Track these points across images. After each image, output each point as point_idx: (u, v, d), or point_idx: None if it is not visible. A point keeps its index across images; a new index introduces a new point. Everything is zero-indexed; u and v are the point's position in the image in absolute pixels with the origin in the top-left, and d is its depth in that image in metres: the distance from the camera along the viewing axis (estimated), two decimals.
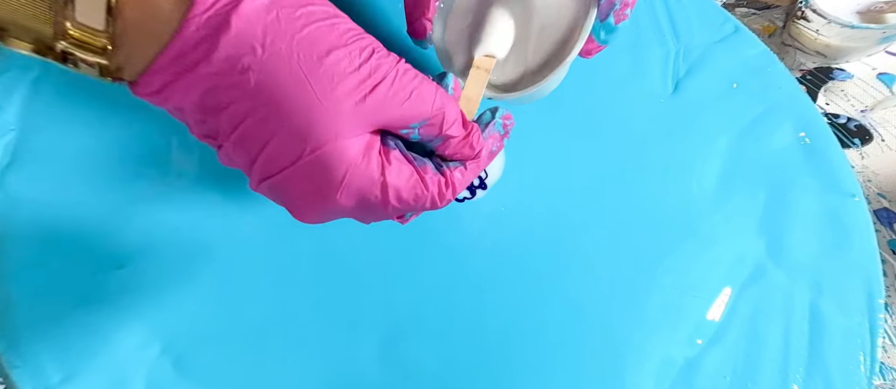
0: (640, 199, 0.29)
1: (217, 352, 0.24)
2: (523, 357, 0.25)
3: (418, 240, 0.27)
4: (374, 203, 0.19)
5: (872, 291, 0.28)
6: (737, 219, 0.29)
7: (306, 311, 0.25)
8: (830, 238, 0.29)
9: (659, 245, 0.28)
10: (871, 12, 0.38)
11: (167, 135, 0.27)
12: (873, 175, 0.35)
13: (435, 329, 0.25)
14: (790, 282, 0.28)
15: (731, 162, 0.31)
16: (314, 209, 0.19)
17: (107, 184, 0.26)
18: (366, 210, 0.19)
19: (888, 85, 0.39)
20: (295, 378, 0.24)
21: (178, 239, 0.26)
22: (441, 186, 0.20)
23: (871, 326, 0.27)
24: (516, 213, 0.28)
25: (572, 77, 0.33)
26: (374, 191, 0.18)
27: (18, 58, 0.28)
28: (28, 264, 0.24)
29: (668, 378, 0.25)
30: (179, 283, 0.25)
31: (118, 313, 0.24)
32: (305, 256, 0.26)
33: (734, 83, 0.33)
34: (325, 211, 0.19)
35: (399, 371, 0.25)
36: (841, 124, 0.37)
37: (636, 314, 0.27)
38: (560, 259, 0.27)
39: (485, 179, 0.29)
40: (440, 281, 0.26)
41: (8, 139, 0.26)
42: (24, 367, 0.23)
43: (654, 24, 0.35)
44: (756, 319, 0.27)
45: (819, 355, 0.26)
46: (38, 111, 0.27)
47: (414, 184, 0.19)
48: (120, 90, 0.28)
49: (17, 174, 0.26)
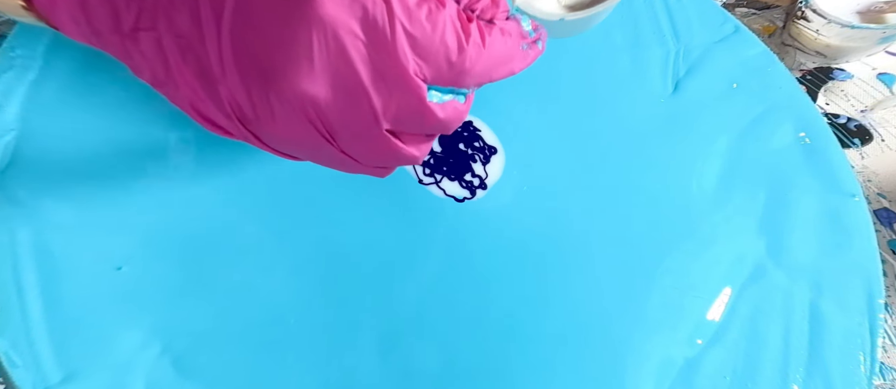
0: (639, 199, 0.29)
1: (217, 352, 0.24)
2: (523, 356, 0.25)
3: (418, 240, 0.27)
4: (374, 22, 0.14)
5: (872, 291, 0.28)
6: (737, 219, 0.29)
7: (306, 311, 0.25)
8: (830, 238, 0.29)
9: (659, 245, 0.28)
10: (871, 12, 0.38)
11: (168, 135, 0.27)
12: (873, 175, 0.35)
13: (435, 330, 0.25)
14: (790, 282, 0.28)
15: (731, 162, 0.31)
16: (286, 32, 0.14)
17: (107, 184, 0.26)
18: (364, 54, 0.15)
19: (888, 85, 0.39)
20: (295, 378, 0.24)
21: (178, 239, 0.26)
22: (461, 34, 0.16)
23: (871, 326, 0.27)
24: (516, 213, 0.28)
25: (572, 76, 0.33)
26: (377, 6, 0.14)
27: (18, 58, 0.28)
28: (28, 264, 0.24)
29: (668, 378, 0.25)
30: (179, 283, 0.25)
31: (118, 313, 0.24)
32: (305, 256, 0.26)
33: (734, 83, 0.33)
34: (297, 31, 0.14)
35: (399, 371, 0.25)
36: (841, 124, 0.37)
37: (636, 314, 0.27)
38: (560, 259, 0.27)
39: (485, 179, 0.29)
40: (440, 282, 0.26)
41: (8, 139, 0.26)
42: (24, 367, 0.23)
43: (653, 24, 0.35)
44: (756, 319, 0.27)
45: (819, 355, 0.26)
46: (38, 111, 0.27)
47: (430, 13, 0.15)
48: (120, 91, 0.28)
49: (17, 174, 0.26)
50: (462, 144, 0.29)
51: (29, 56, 0.28)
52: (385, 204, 0.27)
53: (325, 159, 0.19)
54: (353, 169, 0.19)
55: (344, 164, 0.19)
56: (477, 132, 0.30)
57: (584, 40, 0.34)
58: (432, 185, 0.28)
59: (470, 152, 0.29)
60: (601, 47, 0.34)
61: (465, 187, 0.28)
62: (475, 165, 0.29)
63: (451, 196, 0.28)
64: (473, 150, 0.29)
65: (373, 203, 0.27)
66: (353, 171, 0.20)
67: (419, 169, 0.28)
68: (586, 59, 0.33)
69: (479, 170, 0.29)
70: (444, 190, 0.28)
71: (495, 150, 0.29)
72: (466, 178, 0.29)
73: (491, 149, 0.29)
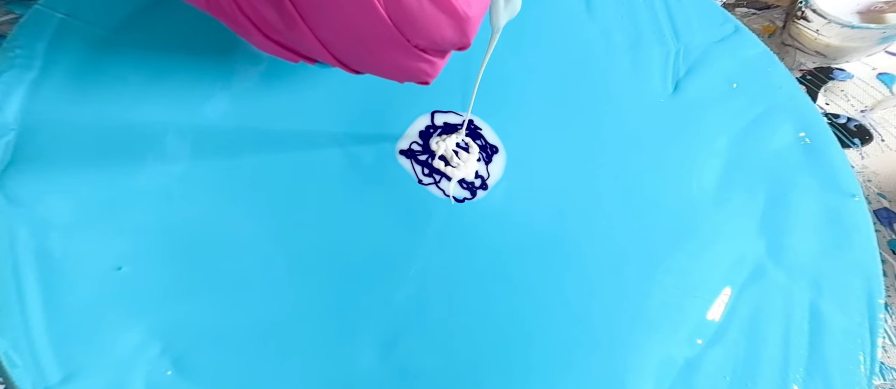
0: (639, 199, 0.29)
1: (217, 352, 0.24)
2: (523, 356, 0.25)
3: (419, 241, 0.27)
4: None
5: (872, 291, 0.28)
6: (737, 219, 0.29)
7: (306, 311, 0.25)
8: (830, 238, 0.29)
9: (659, 245, 0.28)
10: (871, 12, 0.38)
11: (168, 135, 0.27)
12: (873, 175, 0.35)
13: (435, 330, 0.25)
14: (790, 282, 0.28)
15: (731, 162, 0.31)
16: None
17: (107, 183, 0.26)
18: None
19: (888, 85, 0.39)
20: (295, 378, 0.24)
21: (179, 239, 0.26)
22: None
23: (871, 326, 0.27)
24: (516, 213, 0.28)
25: (572, 76, 0.33)
26: None
27: (18, 58, 0.28)
28: (27, 264, 0.24)
29: (668, 378, 0.25)
30: (179, 283, 0.25)
31: (118, 313, 0.24)
32: (305, 256, 0.26)
33: (734, 83, 0.33)
34: None
35: (399, 371, 0.25)
36: (841, 124, 0.37)
37: (636, 314, 0.27)
38: (559, 258, 0.27)
39: (486, 179, 0.29)
40: (440, 282, 0.26)
41: (8, 139, 0.26)
42: (24, 367, 0.22)
43: (653, 24, 0.35)
44: (756, 319, 0.27)
45: (819, 355, 0.26)
46: (38, 111, 0.27)
47: None
48: (120, 90, 0.28)
49: (17, 174, 0.26)
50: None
51: (29, 56, 0.28)
52: (385, 205, 0.27)
53: (374, 34, 0.19)
54: (402, 56, 0.20)
55: (393, 44, 0.19)
56: (478, 130, 0.30)
57: (585, 40, 0.34)
58: (432, 186, 0.28)
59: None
60: (601, 47, 0.34)
61: (466, 187, 0.28)
62: (480, 165, 0.29)
63: (451, 196, 0.28)
64: (480, 148, 0.29)
65: (373, 203, 0.27)
66: (397, 61, 0.20)
67: (419, 169, 0.28)
68: (586, 59, 0.33)
69: (481, 169, 0.29)
70: (443, 190, 0.28)
71: (497, 150, 0.30)
72: (468, 179, 0.29)
73: (492, 149, 0.29)
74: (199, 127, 0.28)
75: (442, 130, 0.30)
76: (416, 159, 0.29)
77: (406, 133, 0.29)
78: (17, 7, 0.34)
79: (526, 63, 0.33)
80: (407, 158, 0.29)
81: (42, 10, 0.29)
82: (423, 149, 0.29)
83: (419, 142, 0.29)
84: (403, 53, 0.20)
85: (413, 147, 0.29)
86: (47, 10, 0.29)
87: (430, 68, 0.21)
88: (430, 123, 0.30)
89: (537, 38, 0.34)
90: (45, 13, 0.29)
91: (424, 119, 0.30)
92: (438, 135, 0.29)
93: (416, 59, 0.20)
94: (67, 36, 0.29)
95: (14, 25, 0.29)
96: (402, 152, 0.29)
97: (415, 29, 0.19)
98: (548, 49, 0.33)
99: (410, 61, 0.20)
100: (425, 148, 0.29)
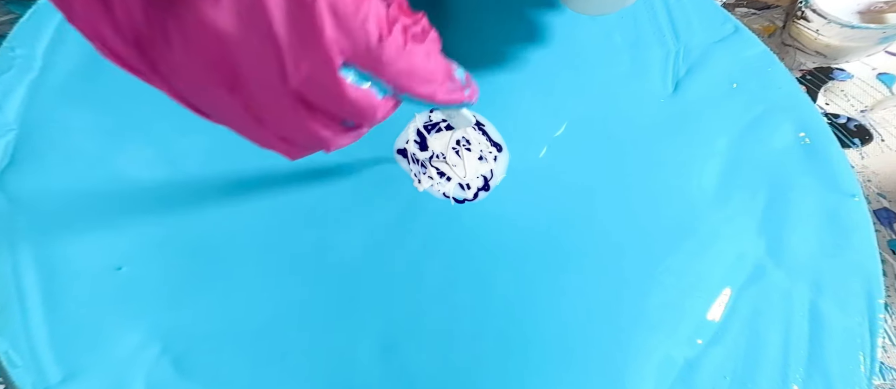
0: (640, 199, 0.29)
1: (217, 352, 0.24)
2: (523, 356, 0.25)
3: (419, 241, 0.27)
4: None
5: (872, 291, 0.28)
6: (737, 219, 0.29)
7: (306, 312, 0.25)
8: (830, 238, 0.29)
9: (659, 244, 0.28)
10: (871, 12, 0.38)
11: (168, 135, 0.27)
12: (873, 175, 0.35)
13: (435, 330, 0.25)
14: (790, 282, 0.28)
15: (731, 162, 0.31)
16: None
17: (107, 183, 0.26)
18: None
19: (888, 85, 0.39)
20: (295, 378, 0.24)
21: (179, 239, 0.26)
22: (383, 27, 0.16)
23: (871, 326, 0.27)
24: (516, 214, 0.28)
25: (572, 77, 0.33)
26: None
27: (18, 58, 0.28)
28: (27, 264, 0.24)
29: (668, 378, 0.25)
30: (179, 283, 0.25)
31: (118, 313, 0.24)
32: (305, 257, 0.26)
33: (734, 83, 0.33)
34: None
35: (399, 372, 0.25)
36: (841, 124, 0.37)
37: (636, 314, 0.27)
38: (560, 259, 0.27)
39: (488, 180, 0.29)
40: (440, 282, 0.26)
41: (8, 139, 0.26)
42: (24, 367, 0.23)
43: (653, 23, 0.35)
44: (756, 319, 0.27)
45: (819, 355, 0.26)
46: (38, 111, 0.27)
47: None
48: (120, 90, 0.28)
49: (17, 174, 0.26)
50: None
51: (29, 56, 0.28)
52: (385, 206, 0.27)
53: (229, 114, 0.17)
54: (258, 134, 0.18)
55: (247, 125, 0.17)
56: (482, 127, 0.30)
57: (585, 40, 0.34)
58: (431, 186, 0.28)
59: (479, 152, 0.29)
60: (601, 47, 0.34)
61: (468, 188, 0.28)
62: (481, 164, 0.29)
63: (450, 197, 0.28)
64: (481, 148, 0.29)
65: (372, 204, 0.27)
66: (257, 139, 0.18)
67: (417, 169, 0.28)
68: (587, 59, 0.33)
69: (483, 169, 0.29)
70: (443, 191, 0.28)
71: (501, 148, 0.30)
72: (468, 179, 0.29)
73: (497, 147, 0.30)
74: (199, 127, 0.28)
75: (441, 127, 0.30)
76: (413, 159, 0.29)
77: (404, 132, 0.29)
78: (17, 7, 0.34)
79: (525, 63, 0.33)
80: (404, 158, 0.29)
81: (42, 10, 0.29)
82: (422, 148, 0.29)
83: (417, 141, 0.29)
84: (280, 142, 0.18)
85: (410, 146, 0.29)
86: (47, 10, 0.29)
87: (320, 139, 0.18)
88: (428, 120, 0.30)
89: (537, 38, 0.34)
90: (45, 13, 0.29)
91: (422, 117, 0.30)
92: (437, 132, 0.29)
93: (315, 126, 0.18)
94: (67, 36, 0.29)
95: (14, 25, 0.29)
96: (399, 152, 0.29)
97: (283, 131, 0.17)
98: (548, 49, 0.33)
99: (294, 143, 0.18)
100: (423, 145, 0.29)
